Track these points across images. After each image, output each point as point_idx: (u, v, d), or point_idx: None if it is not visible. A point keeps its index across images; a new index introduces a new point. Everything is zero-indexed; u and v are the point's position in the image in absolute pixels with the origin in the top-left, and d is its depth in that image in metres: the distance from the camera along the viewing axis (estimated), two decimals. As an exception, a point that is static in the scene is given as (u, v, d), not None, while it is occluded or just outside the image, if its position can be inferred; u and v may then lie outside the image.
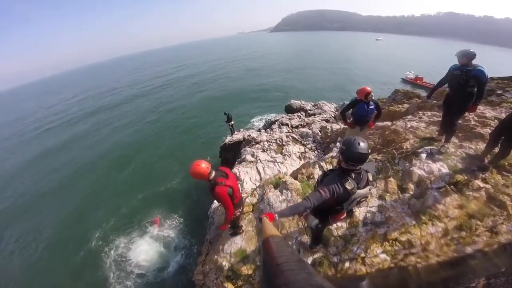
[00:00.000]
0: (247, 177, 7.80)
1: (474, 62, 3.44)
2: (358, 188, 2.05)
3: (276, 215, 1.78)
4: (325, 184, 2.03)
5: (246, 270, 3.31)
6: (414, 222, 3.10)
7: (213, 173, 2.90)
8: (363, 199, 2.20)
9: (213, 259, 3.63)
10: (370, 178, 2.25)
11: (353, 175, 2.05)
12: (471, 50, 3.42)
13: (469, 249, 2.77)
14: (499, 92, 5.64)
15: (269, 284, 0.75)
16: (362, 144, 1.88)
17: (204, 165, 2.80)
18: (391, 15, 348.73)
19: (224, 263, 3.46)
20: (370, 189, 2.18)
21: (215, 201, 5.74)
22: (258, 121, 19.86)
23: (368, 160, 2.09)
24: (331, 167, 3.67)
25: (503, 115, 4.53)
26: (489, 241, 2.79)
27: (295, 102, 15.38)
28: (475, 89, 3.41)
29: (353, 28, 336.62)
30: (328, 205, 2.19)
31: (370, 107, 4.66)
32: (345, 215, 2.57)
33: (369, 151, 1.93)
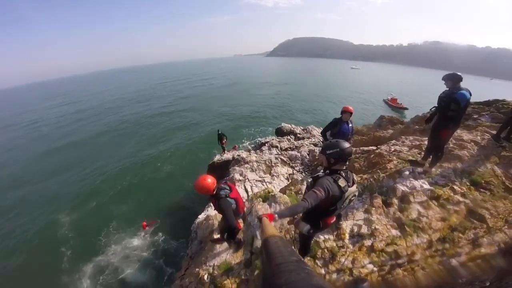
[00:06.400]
0: (235, 194, 7.65)
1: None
2: (348, 186, 2.12)
3: (276, 215, 1.78)
4: (318, 184, 2.06)
5: (229, 283, 3.10)
6: (399, 234, 3.12)
7: (217, 187, 2.97)
8: (353, 197, 2.24)
9: (194, 272, 3.39)
10: (355, 177, 2.33)
11: (343, 174, 2.13)
12: (457, 73, 3.37)
13: (453, 261, 2.78)
14: (475, 116, 6.09)
15: (269, 284, 0.74)
16: (344, 142, 2.13)
17: (210, 180, 2.88)
18: (381, 44, 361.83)
19: (206, 276, 3.23)
20: (357, 187, 2.24)
21: (199, 216, 5.52)
22: (250, 140, 20.07)
23: None
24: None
25: (479, 138, 4.87)
26: (472, 254, 2.83)
27: (286, 126, 15.80)
28: (456, 114, 3.35)
29: (345, 57, 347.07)
30: (323, 206, 2.20)
31: (349, 125, 4.88)
32: (334, 218, 2.57)
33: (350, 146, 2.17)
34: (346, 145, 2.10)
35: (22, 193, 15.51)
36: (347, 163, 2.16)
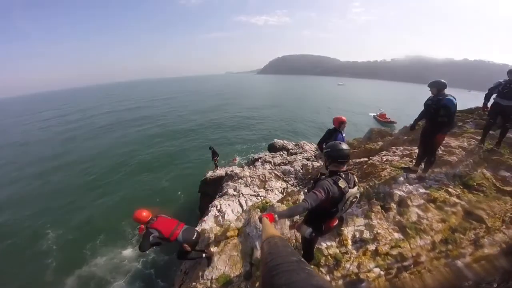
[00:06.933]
0: (229, 209, 7.43)
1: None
2: (349, 187, 2.11)
3: (276, 216, 1.75)
4: (318, 185, 2.05)
5: (229, 297, 2.89)
6: (402, 237, 3.08)
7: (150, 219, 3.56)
8: (354, 199, 2.22)
9: (190, 286, 3.15)
10: (356, 180, 2.34)
11: (343, 175, 2.14)
12: (442, 80, 3.55)
13: (459, 263, 2.74)
14: (459, 124, 6.45)
15: (269, 284, 0.74)
16: (343, 144, 2.20)
17: (145, 214, 3.53)
18: (366, 61, 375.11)
19: (203, 291, 3.01)
20: (358, 189, 2.23)
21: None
22: (243, 156, 20.04)
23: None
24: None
25: (465, 144, 5.07)
26: (475, 254, 2.81)
27: (278, 142, 15.93)
28: (447, 119, 3.48)
29: (333, 73, 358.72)
30: (324, 208, 2.17)
31: (343, 135, 4.98)
32: (337, 221, 2.52)
33: (349, 148, 2.22)
34: (342, 147, 2.15)
35: (11, 205, 14.98)
36: (344, 165, 2.19)
